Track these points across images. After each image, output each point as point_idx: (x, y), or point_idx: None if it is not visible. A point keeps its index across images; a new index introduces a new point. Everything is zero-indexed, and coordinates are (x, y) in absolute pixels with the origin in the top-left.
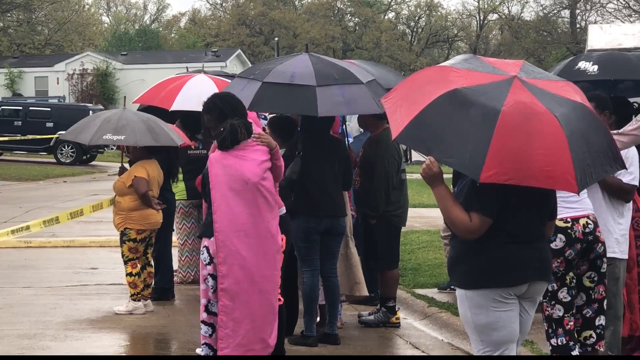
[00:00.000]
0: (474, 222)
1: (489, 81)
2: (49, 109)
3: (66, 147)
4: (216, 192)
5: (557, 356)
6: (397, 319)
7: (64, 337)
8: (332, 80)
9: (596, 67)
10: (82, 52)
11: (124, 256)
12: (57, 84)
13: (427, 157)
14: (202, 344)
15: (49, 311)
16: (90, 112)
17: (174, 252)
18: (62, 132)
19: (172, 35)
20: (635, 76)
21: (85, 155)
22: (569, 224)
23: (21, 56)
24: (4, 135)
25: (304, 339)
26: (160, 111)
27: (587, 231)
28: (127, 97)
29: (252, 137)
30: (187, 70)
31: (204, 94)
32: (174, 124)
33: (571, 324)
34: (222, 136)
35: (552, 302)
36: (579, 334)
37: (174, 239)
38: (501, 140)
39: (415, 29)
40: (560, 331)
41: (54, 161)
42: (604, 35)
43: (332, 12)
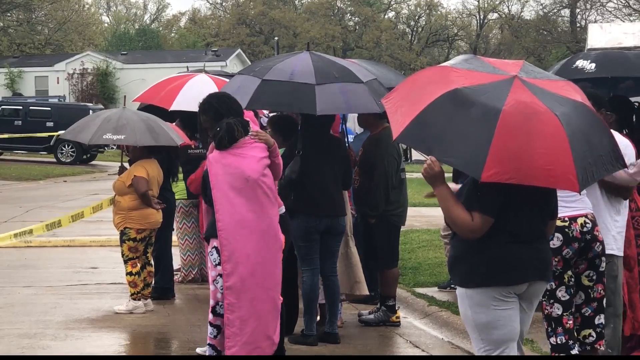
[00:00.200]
0: (476, 222)
1: (489, 81)
2: (49, 109)
3: (66, 146)
4: (217, 192)
5: (557, 356)
6: (397, 317)
7: (65, 336)
8: (332, 78)
9: (594, 65)
10: (82, 52)
11: (123, 255)
12: (57, 83)
13: (428, 156)
14: (207, 345)
15: (49, 310)
16: (90, 111)
17: (174, 251)
18: (62, 132)
19: (172, 34)
20: (632, 73)
21: (85, 154)
22: (566, 223)
23: (21, 56)
24: (4, 134)
25: (304, 338)
26: (160, 110)
27: (584, 230)
28: (127, 96)
29: (250, 134)
30: (188, 69)
31: (204, 94)
32: (173, 122)
33: (570, 322)
34: (219, 135)
35: (551, 301)
36: (578, 333)
37: (174, 238)
38: (502, 139)
39: (415, 28)
40: (559, 330)
41: (54, 161)
42: (604, 34)
43: (332, 11)
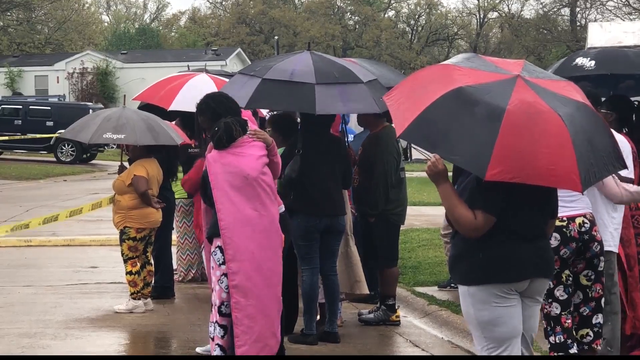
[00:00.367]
0: (479, 220)
1: (492, 80)
2: (49, 108)
3: (66, 145)
4: (218, 191)
5: (555, 355)
6: (397, 317)
7: (65, 335)
8: (332, 78)
9: (593, 63)
10: (82, 51)
11: (123, 255)
12: (57, 82)
13: (432, 155)
14: (215, 345)
15: (50, 310)
16: (90, 110)
17: (174, 250)
18: (62, 131)
19: (172, 34)
20: (631, 71)
21: (85, 154)
22: (564, 223)
23: (21, 55)
24: (4, 134)
25: (304, 337)
26: (159, 109)
27: (582, 230)
28: (127, 95)
29: (248, 133)
30: (189, 69)
31: (203, 94)
32: (172, 121)
33: (569, 321)
34: (217, 135)
35: (549, 300)
36: (576, 332)
37: (174, 237)
38: (507, 138)
39: (415, 27)
40: (558, 329)
41: (54, 160)
42: (603, 33)
43: (332, 10)
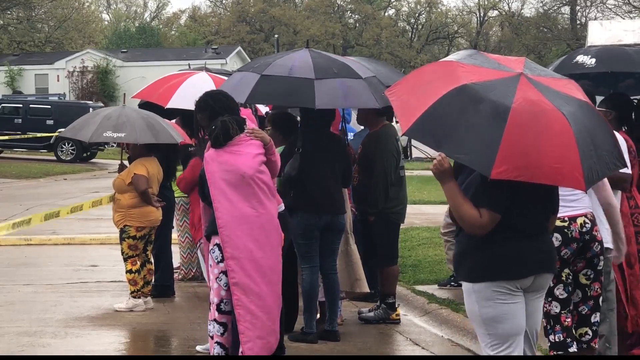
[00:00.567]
0: (484, 218)
1: (496, 77)
2: (49, 107)
3: (66, 144)
4: (215, 189)
5: (555, 355)
6: (397, 315)
7: (65, 334)
8: (331, 73)
9: (594, 60)
10: (82, 50)
11: (123, 253)
12: (58, 81)
13: (437, 153)
14: (215, 343)
15: (50, 308)
16: (90, 109)
17: (175, 249)
18: (62, 130)
19: (172, 32)
20: (632, 69)
21: (85, 152)
22: (566, 223)
23: (21, 54)
24: (4, 132)
25: (304, 335)
26: (160, 107)
27: (584, 230)
28: (127, 94)
29: (246, 132)
30: (190, 67)
31: (202, 92)
32: (172, 120)
33: (568, 320)
34: (214, 134)
35: (549, 299)
36: (575, 331)
37: (174, 236)
38: (512, 136)
39: (415, 26)
40: (557, 328)
41: (54, 159)
42: (604, 31)
43: (332, 9)
